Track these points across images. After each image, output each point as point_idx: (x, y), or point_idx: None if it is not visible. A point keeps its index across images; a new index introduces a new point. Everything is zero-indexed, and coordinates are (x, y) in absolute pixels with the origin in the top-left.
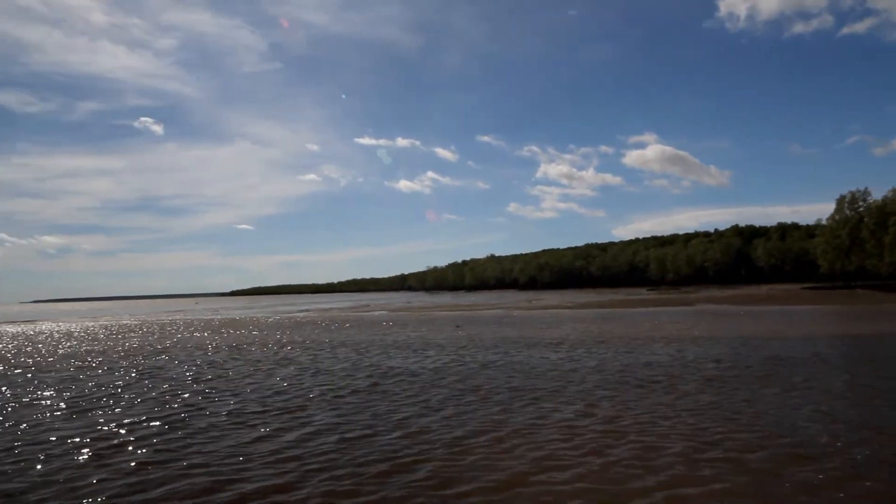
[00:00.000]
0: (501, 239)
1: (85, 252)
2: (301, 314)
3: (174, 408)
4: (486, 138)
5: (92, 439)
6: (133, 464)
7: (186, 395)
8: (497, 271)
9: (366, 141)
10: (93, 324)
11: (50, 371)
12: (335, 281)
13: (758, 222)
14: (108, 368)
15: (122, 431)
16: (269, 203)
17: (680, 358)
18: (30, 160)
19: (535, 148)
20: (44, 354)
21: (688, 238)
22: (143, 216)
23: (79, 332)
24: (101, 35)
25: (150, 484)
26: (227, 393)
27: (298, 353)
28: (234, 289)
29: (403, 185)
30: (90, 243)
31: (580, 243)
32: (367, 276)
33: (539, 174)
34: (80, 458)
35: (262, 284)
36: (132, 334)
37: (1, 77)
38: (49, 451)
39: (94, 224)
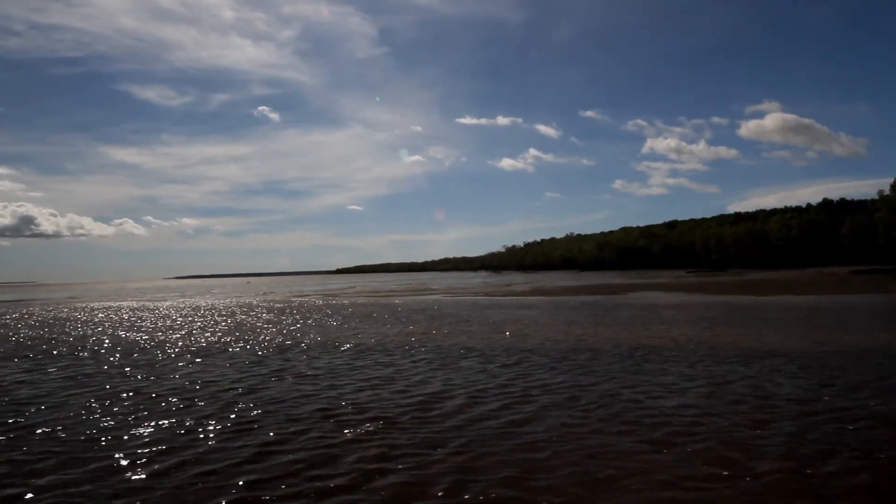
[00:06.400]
0: (607, 217)
1: (218, 232)
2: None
3: None
4: (589, 113)
5: None
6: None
7: None
8: (565, 251)
9: (467, 121)
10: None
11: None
12: (429, 260)
13: None
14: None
15: None
16: (378, 184)
17: None
18: (173, 150)
19: (641, 122)
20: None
21: (772, 214)
22: (267, 199)
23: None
24: (231, 30)
25: None
26: None
27: None
28: (342, 266)
29: (506, 163)
30: (222, 224)
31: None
32: (470, 254)
33: (645, 149)
34: None
35: (370, 262)
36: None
37: (146, 75)
38: None
39: (226, 207)
